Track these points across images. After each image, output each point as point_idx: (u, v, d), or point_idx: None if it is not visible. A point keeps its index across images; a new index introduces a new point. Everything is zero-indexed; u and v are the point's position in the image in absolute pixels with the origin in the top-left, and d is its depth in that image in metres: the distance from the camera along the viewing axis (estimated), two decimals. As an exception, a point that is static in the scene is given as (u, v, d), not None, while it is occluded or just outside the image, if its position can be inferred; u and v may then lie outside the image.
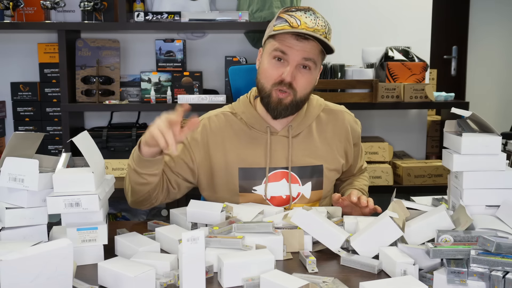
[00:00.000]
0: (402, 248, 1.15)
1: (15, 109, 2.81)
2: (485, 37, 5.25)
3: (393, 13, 3.04)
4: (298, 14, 1.44)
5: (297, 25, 1.42)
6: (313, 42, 1.44)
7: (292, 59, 1.44)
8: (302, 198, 1.57)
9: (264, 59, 1.51)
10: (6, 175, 1.22)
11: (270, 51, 1.47)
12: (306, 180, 1.56)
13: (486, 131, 1.27)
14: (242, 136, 1.57)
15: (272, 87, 1.48)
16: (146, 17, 2.60)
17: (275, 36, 1.46)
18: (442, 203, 1.42)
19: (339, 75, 2.80)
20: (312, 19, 1.43)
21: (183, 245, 1.00)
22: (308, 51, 1.45)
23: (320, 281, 1.07)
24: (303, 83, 1.47)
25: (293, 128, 1.56)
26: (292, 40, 1.44)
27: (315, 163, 1.57)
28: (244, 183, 1.55)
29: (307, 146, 1.57)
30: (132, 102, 2.79)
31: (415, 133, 3.15)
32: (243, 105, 1.60)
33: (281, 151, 1.55)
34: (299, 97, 1.49)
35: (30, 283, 0.95)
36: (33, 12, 2.72)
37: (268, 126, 1.56)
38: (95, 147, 1.33)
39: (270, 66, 1.48)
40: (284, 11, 1.46)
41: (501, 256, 1.01)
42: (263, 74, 1.50)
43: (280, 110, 1.49)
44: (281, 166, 1.55)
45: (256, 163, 1.55)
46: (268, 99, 1.49)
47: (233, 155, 1.55)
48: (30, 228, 1.24)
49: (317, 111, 1.61)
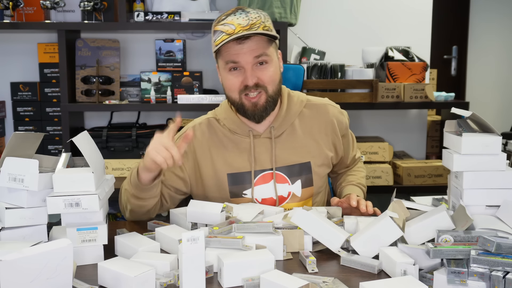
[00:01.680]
0: (402, 248, 1.15)
1: (15, 109, 2.80)
2: (485, 37, 5.24)
3: (393, 13, 3.04)
4: (229, 19, 1.44)
5: (233, 30, 1.42)
6: (257, 37, 1.45)
7: (245, 63, 1.45)
8: (294, 197, 1.57)
9: (222, 75, 1.52)
10: (6, 175, 1.22)
11: (223, 66, 1.49)
12: (295, 179, 1.57)
13: (486, 131, 1.27)
14: (227, 142, 1.57)
15: (240, 95, 1.49)
16: (146, 17, 2.60)
17: (220, 50, 1.47)
18: (442, 203, 1.43)
19: (339, 75, 2.80)
20: (243, 17, 1.44)
21: (183, 245, 1.00)
22: (255, 48, 1.45)
23: (320, 281, 1.07)
24: (267, 77, 1.48)
25: (275, 129, 1.56)
26: (236, 46, 1.44)
27: (302, 160, 1.57)
28: (234, 188, 1.56)
29: (292, 145, 1.57)
30: (132, 102, 2.79)
31: (415, 133, 3.15)
32: (224, 112, 1.60)
33: (265, 153, 1.56)
34: (272, 91, 1.50)
35: (30, 283, 0.95)
36: (33, 12, 2.72)
37: (250, 130, 1.56)
38: (95, 147, 1.33)
39: (230, 78, 1.49)
40: (216, 23, 1.47)
41: (501, 256, 1.01)
42: (228, 87, 1.51)
43: (260, 112, 1.50)
44: (267, 167, 1.55)
45: (243, 168, 1.55)
46: (243, 107, 1.50)
47: (220, 162, 1.56)
48: (30, 228, 1.24)
49: (298, 108, 1.60)
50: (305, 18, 2.97)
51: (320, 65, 2.78)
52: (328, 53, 2.93)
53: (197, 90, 2.71)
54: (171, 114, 2.88)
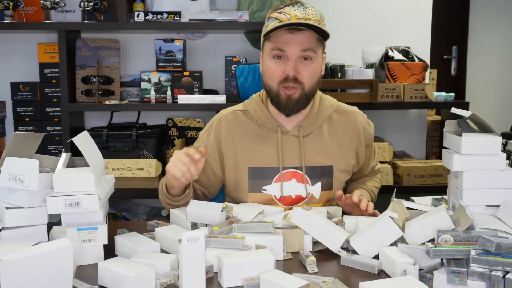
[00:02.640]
0: (402, 248, 1.15)
1: (15, 109, 2.80)
2: (485, 37, 5.24)
3: (393, 13, 3.04)
4: (286, 9, 1.46)
5: (288, 19, 1.44)
6: (308, 31, 1.45)
7: (291, 53, 1.45)
8: (312, 198, 1.57)
9: (265, 61, 1.52)
10: (6, 175, 1.22)
11: (268, 51, 1.49)
12: (316, 180, 1.57)
13: (486, 131, 1.27)
14: (252, 135, 1.57)
15: (279, 86, 1.49)
16: (146, 17, 2.60)
17: (269, 36, 1.47)
18: (442, 203, 1.43)
19: (339, 75, 2.80)
20: (301, 10, 1.45)
21: (183, 245, 1.00)
22: (305, 42, 1.45)
23: (320, 281, 1.07)
24: (308, 74, 1.48)
25: (304, 128, 1.56)
26: (286, 35, 1.45)
27: (325, 163, 1.57)
28: (254, 182, 1.56)
29: (318, 146, 1.57)
30: (132, 102, 2.79)
31: (415, 133, 3.15)
32: (255, 104, 1.61)
33: (291, 151, 1.56)
34: (308, 89, 1.50)
35: (30, 283, 0.95)
36: (33, 12, 2.72)
37: (278, 125, 1.56)
38: (95, 147, 1.33)
39: (272, 66, 1.48)
40: (273, 11, 1.48)
41: (501, 256, 1.01)
42: (267, 75, 1.51)
43: (292, 106, 1.50)
44: (291, 165, 1.55)
45: (267, 163, 1.55)
46: (278, 98, 1.50)
47: (242, 155, 1.56)
48: (30, 228, 1.24)
49: (329, 112, 1.60)
50: (305, 18, 2.96)
51: (320, 65, 2.78)
52: (328, 53, 2.92)
53: (197, 90, 2.71)
54: (171, 114, 2.88)
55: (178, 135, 2.77)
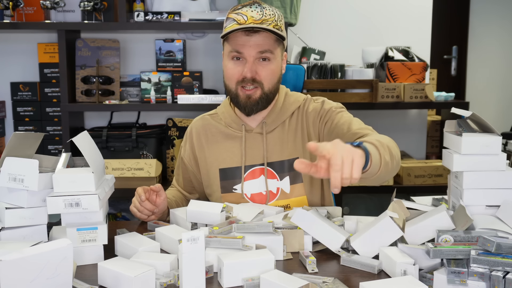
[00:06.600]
0: (402, 248, 1.15)
1: (15, 109, 2.80)
2: (485, 37, 5.24)
3: (393, 13, 3.04)
4: (244, 10, 1.47)
5: (244, 21, 1.45)
6: (265, 33, 1.46)
7: (248, 55, 1.47)
8: (283, 193, 1.57)
9: (224, 62, 1.55)
10: (6, 175, 1.22)
11: (227, 53, 1.51)
12: (283, 175, 1.57)
13: (486, 131, 1.27)
14: (220, 137, 1.61)
15: (237, 86, 1.51)
16: (146, 17, 2.60)
17: (228, 38, 1.49)
18: (442, 203, 1.42)
19: (339, 75, 2.80)
20: (258, 11, 1.46)
21: (183, 245, 1.00)
22: (262, 44, 1.47)
23: (320, 281, 1.07)
24: (266, 74, 1.50)
25: (267, 124, 1.58)
26: (243, 37, 1.46)
27: (291, 156, 1.57)
28: (225, 183, 1.58)
29: (283, 141, 1.58)
30: (132, 102, 2.79)
31: (415, 133, 3.15)
32: (223, 106, 1.65)
33: (257, 148, 1.57)
34: (268, 89, 1.51)
35: (30, 283, 0.95)
36: (33, 12, 2.72)
37: (243, 124, 1.58)
38: (95, 147, 1.33)
39: (231, 67, 1.51)
40: (231, 11, 1.50)
41: (501, 256, 1.01)
42: (226, 76, 1.54)
43: (251, 106, 1.52)
44: (257, 163, 1.57)
45: (235, 162, 1.58)
46: (237, 98, 1.53)
47: (212, 157, 1.60)
48: (30, 228, 1.24)
49: (293, 108, 1.60)
50: (305, 18, 2.97)
51: (320, 65, 2.78)
52: (328, 53, 2.94)
53: (197, 90, 2.71)
54: (171, 114, 2.88)
55: (178, 135, 2.77)
